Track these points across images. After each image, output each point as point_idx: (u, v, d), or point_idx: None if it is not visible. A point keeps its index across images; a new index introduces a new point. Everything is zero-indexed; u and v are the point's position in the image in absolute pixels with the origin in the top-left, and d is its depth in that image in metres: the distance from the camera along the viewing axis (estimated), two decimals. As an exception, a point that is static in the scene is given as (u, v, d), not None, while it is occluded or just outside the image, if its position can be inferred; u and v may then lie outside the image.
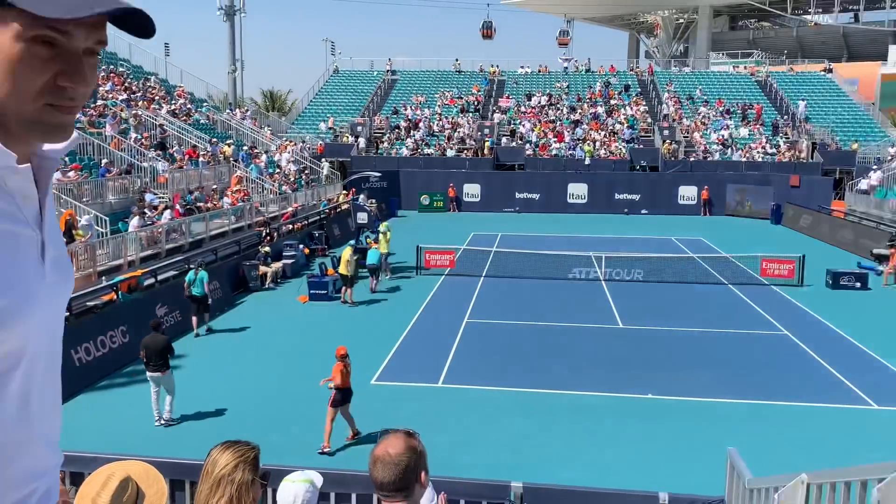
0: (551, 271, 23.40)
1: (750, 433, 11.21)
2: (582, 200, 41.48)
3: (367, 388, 13.16)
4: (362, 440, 10.91)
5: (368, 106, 50.94)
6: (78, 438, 10.52)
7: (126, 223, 19.91)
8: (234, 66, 45.88)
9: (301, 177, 35.07)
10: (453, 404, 12.30)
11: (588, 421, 11.77)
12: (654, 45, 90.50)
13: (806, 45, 79.02)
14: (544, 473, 9.70)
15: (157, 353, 11.37)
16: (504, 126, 47.60)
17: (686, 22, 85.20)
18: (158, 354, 11.38)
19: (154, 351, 11.38)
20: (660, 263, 23.84)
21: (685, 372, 14.28)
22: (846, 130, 46.27)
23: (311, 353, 15.43)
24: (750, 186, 40.46)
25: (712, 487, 8.30)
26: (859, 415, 12.21)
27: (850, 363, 14.88)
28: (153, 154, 25.59)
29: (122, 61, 36.38)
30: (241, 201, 27.05)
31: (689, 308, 19.70)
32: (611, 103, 50.22)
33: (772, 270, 23.20)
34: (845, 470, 3.28)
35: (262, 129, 42.01)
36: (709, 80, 54.77)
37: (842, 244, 30.28)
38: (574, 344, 16.25)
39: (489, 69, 56.10)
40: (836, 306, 19.96)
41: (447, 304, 19.97)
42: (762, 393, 13.09)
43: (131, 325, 14.92)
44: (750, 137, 45.22)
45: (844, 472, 3.26)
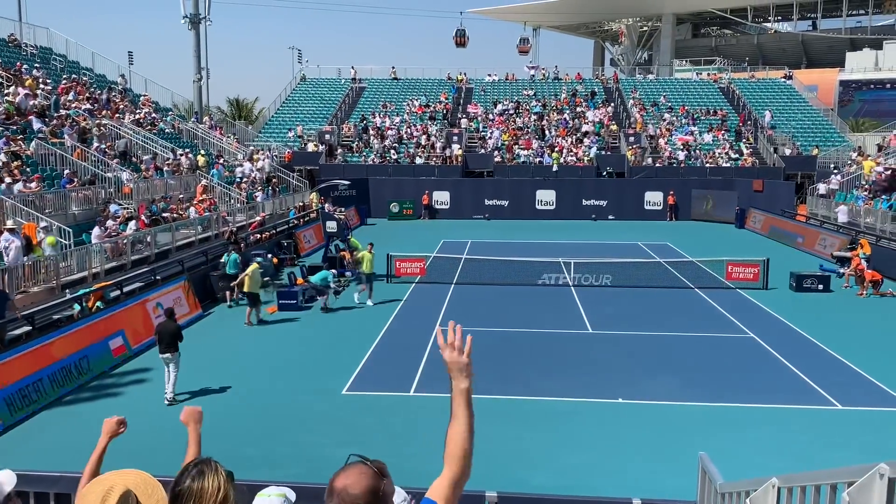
0: (521, 278, 23.51)
1: (719, 436, 11.36)
2: (550, 207, 41.79)
3: (338, 398, 13.08)
4: (336, 454, 10.81)
5: (336, 114, 50.79)
6: (44, 456, 10.30)
7: (90, 235, 19.58)
8: (200, 75, 45.39)
9: (269, 185, 34.81)
10: (426, 413, 12.26)
11: (560, 427, 11.82)
12: (619, 52, 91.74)
13: (766, 53, 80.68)
14: (517, 480, 9.71)
15: (167, 337, 12.91)
16: (472, 133, 47.80)
17: (650, 30, 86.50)
18: (170, 338, 12.91)
19: (166, 335, 12.93)
20: (627, 268, 24.08)
21: (654, 376, 14.43)
22: (806, 136, 47.27)
23: (281, 364, 15.29)
24: (714, 191, 41.11)
25: (684, 491, 8.40)
26: (824, 415, 12.44)
27: (815, 364, 15.16)
28: (116, 164, 25.21)
29: (84, 70, 35.83)
30: (207, 211, 26.77)
31: (656, 312, 19.92)
32: (577, 110, 50.69)
33: (737, 274, 23.57)
34: (815, 473, 3.34)
35: (228, 137, 41.63)
36: (673, 87, 55.59)
37: (804, 247, 30.89)
38: (544, 350, 16.33)
39: (457, 77, 56.33)
40: (800, 309, 20.33)
41: (418, 311, 19.95)
42: (730, 395, 13.27)
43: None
44: (714, 143, 45.96)
45: (814, 475, 3.32)
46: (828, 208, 34.77)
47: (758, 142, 45.88)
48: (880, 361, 15.31)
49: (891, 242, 26.32)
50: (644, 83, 57.45)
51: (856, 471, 2.76)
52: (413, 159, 44.75)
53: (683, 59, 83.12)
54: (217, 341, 17.08)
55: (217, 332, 17.99)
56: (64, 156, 23.48)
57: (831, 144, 45.82)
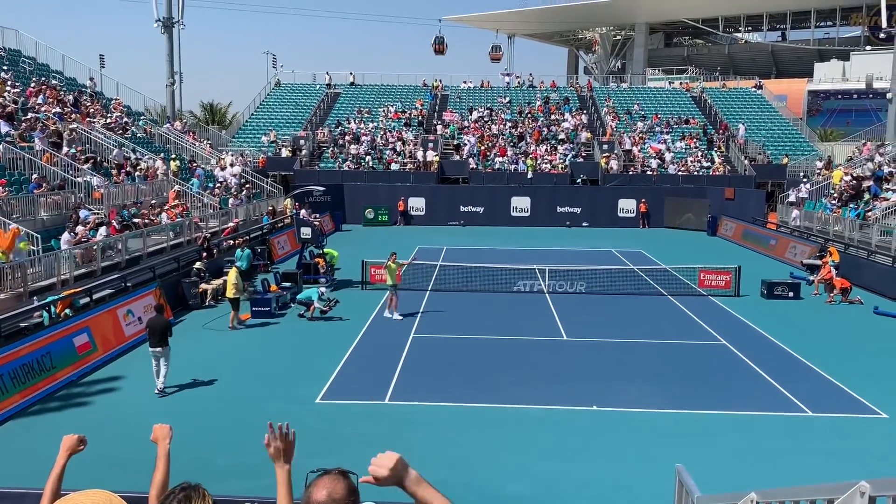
0: (496, 284, 23.53)
1: (692, 443, 11.42)
2: (525, 214, 41.95)
3: (312, 407, 12.95)
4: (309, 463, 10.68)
5: (311, 119, 50.56)
6: (10, 468, 10.05)
7: (59, 240, 19.24)
8: (173, 79, 44.92)
9: (242, 191, 34.50)
10: (401, 422, 12.19)
11: (535, 434, 11.80)
12: (593, 61, 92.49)
13: (737, 62, 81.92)
14: (492, 490, 9.69)
15: (158, 332, 13.29)
16: (448, 140, 47.84)
17: (623, 38, 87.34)
18: (159, 333, 13.29)
19: (155, 330, 13.31)
20: (602, 276, 24.21)
21: (628, 383, 14.49)
22: (776, 145, 48.00)
23: (254, 371, 15.12)
24: (686, 199, 41.55)
25: (660, 499, 8.42)
26: (796, 422, 12.57)
27: (786, 371, 15.34)
28: (87, 168, 24.81)
29: (54, 73, 35.28)
30: (179, 217, 26.44)
31: (630, 319, 20.04)
32: (552, 118, 50.98)
33: (709, 281, 23.81)
34: (795, 489, 3.34)
35: (201, 142, 41.23)
36: (646, 96, 56.17)
37: (775, 255, 31.30)
38: (520, 357, 16.32)
39: (433, 83, 56.40)
40: (771, 316, 20.58)
41: (393, 319, 19.85)
42: (703, 403, 13.36)
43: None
44: (686, 151, 46.46)
45: (794, 491, 3.32)
46: (798, 216, 35.28)
47: (729, 150, 46.48)
48: (849, 368, 15.54)
49: (858, 250, 26.76)
50: (617, 91, 57.98)
51: (836, 488, 2.76)
52: (388, 165, 44.68)
53: (656, 68, 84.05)
54: (189, 349, 16.81)
55: (189, 339, 17.73)
56: (33, 160, 23.06)
57: (801, 153, 46.59)
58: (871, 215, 29.83)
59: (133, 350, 16.46)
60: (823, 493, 2.92)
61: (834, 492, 2.78)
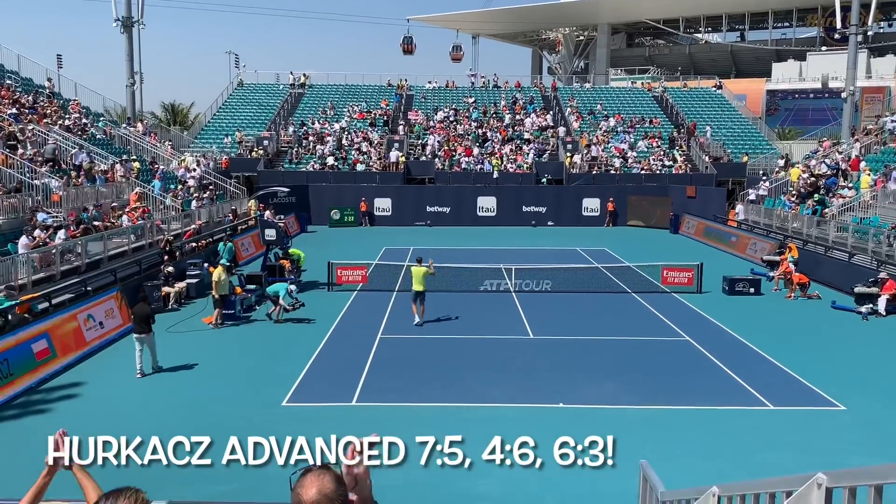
0: (463, 284, 23.57)
1: (656, 438, 11.57)
2: (491, 213, 42.10)
3: (279, 411, 12.84)
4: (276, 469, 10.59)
5: (275, 119, 50.12)
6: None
7: (16, 244, 18.81)
8: (133, 79, 44.19)
9: (206, 192, 34.07)
10: (368, 423, 12.14)
11: (502, 433, 11.83)
12: (557, 61, 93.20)
13: (697, 62, 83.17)
14: (461, 490, 9.71)
15: (142, 319, 13.96)
16: (413, 140, 47.79)
17: (586, 39, 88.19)
18: (143, 320, 13.95)
19: (140, 317, 13.98)
20: (567, 274, 24.41)
21: (593, 380, 14.63)
22: (736, 143, 48.85)
23: (219, 375, 14.95)
24: (649, 197, 42.08)
25: (624, 496, 8.52)
26: (757, 415, 12.82)
27: (747, 366, 15.62)
28: (45, 171, 24.29)
29: (9, 73, 34.46)
30: (141, 219, 26.02)
31: (595, 317, 20.25)
32: (517, 117, 51.23)
33: (672, 279, 24.13)
34: (754, 482, 3.43)
35: (162, 143, 40.61)
36: (609, 95, 56.74)
37: (736, 251, 31.87)
38: (487, 356, 16.39)
39: (398, 83, 56.29)
40: (733, 311, 20.95)
41: (360, 320, 19.79)
42: (667, 398, 13.56)
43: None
44: (648, 150, 47.05)
45: (753, 484, 3.41)
46: (758, 213, 35.97)
47: (690, 149, 47.18)
48: (809, 362, 15.89)
49: (816, 246, 27.37)
50: (581, 91, 58.49)
51: (794, 480, 2.84)
52: (354, 166, 44.48)
53: (619, 68, 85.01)
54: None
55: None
56: (-13, 162, 22.52)
57: (760, 152, 47.47)
58: (827, 212, 30.53)
59: (95, 355, 16.16)
60: (782, 485, 3.00)
61: (792, 484, 2.85)
